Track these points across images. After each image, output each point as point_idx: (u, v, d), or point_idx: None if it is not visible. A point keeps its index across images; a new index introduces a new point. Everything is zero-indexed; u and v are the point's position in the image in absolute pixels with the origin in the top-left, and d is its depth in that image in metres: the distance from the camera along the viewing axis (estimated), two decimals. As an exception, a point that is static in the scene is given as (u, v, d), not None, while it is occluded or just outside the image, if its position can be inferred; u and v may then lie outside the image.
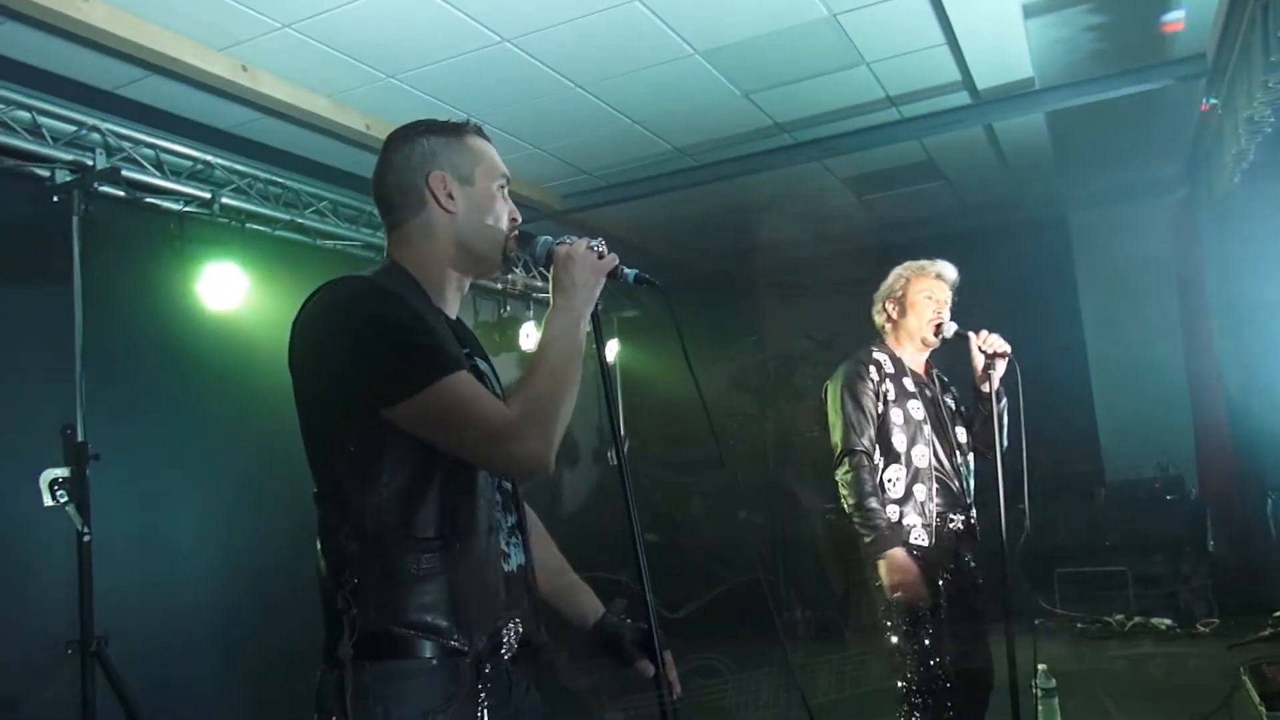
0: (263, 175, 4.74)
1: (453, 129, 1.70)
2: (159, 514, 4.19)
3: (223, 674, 4.35)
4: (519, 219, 1.74)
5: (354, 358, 1.49)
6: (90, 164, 3.91)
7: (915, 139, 5.70)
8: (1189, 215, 6.62)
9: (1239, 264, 6.62)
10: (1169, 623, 5.82)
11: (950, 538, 3.01)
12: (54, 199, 3.79)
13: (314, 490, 1.58)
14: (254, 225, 4.68)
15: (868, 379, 3.08)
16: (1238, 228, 6.60)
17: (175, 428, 4.24)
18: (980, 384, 3.12)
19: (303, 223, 4.93)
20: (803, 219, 7.52)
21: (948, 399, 3.22)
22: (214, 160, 4.50)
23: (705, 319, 6.61)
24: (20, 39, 3.70)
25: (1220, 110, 4.87)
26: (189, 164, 4.43)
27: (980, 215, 7.38)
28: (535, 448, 1.46)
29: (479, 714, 1.50)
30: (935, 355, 3.29)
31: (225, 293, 4.24)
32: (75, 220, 3.78)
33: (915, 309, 3.15)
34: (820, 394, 3.26)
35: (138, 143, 4.21)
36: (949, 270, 3.18)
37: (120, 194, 4.07)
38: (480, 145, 1.71)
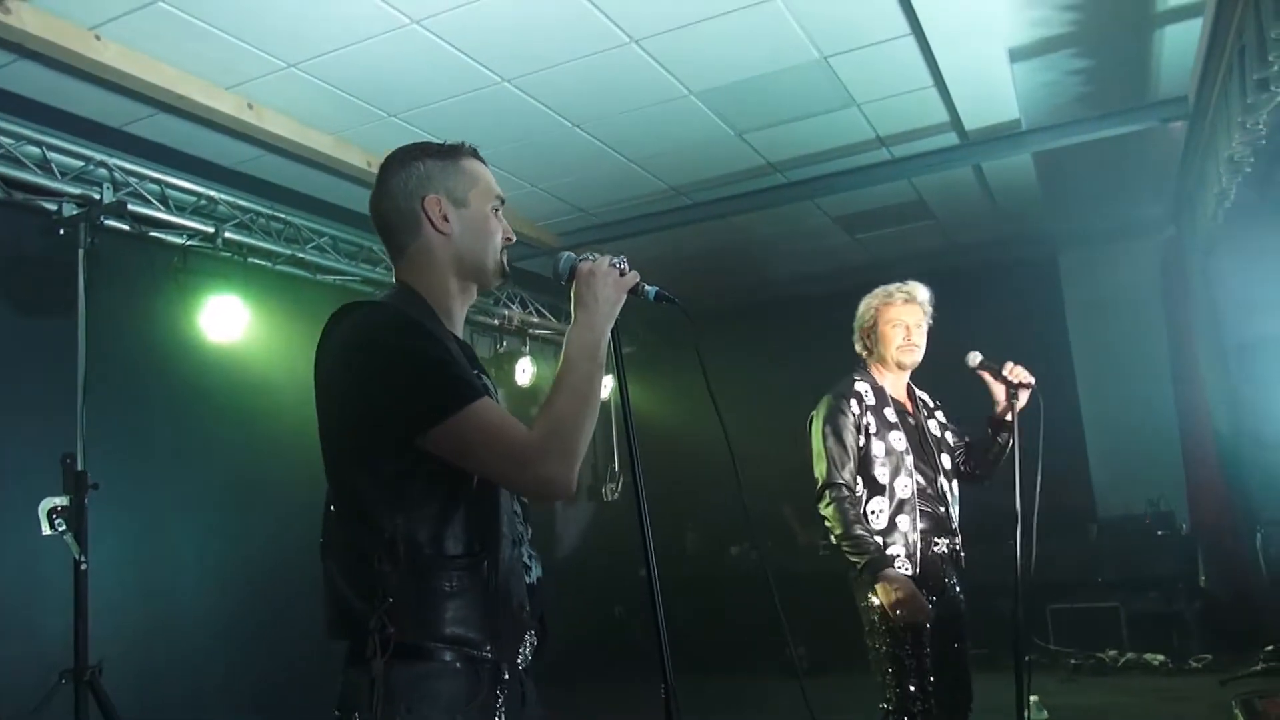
0: (265, 211, 4.83)
1: (448, 152, 1.74)
2: (157, 543, 4.22)
3: (220, 703, 4.35)
4: (513, 238, 1.79)
5: (387, 385, 1.53)
6: (97, 198, 4.00)
7: (905, 179, 5.81)
8: (1175, 255, 6.74)
9: (1224, 302, 6.74)
10: (1162, 658, 5.82)
11: (935, 562, 3.04)
12: (60, 232, 3.86)
13: (334, 508, 1.61)
14: (255, 259, 4.76)
15: (849, 413, 3.10)
16: (1222, 266, 6.72)
17: (175, 458, 4.29)
18: (1003, 414, 3.14)
19: (303, 257, 5.01)
20: (796, 257, 7.64)
21: (932, 424, 3.24)
22: (218, 195, 4.59)
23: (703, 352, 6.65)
24: (32, 76, 3.81)
25: (1202, 151, 4.99)
26: (193, 199, 4.53)
27: (970, 254, 7.49)
28: (558, 470, 1.50)
29: (496, 717, 1.54)
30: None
31: (226, 325, 4.31)
32: (81, 253, 3.84)
33: (885, 338, 3.19)
34: (805, 425, 3.28)
35: (143, 178, 4.29)
36: (919, 291, 3.20)
37: (125, 228, 4.16)
38: (475, 167, 1.76)
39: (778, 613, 2.06)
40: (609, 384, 8.14)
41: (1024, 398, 3.06)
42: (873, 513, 3.04)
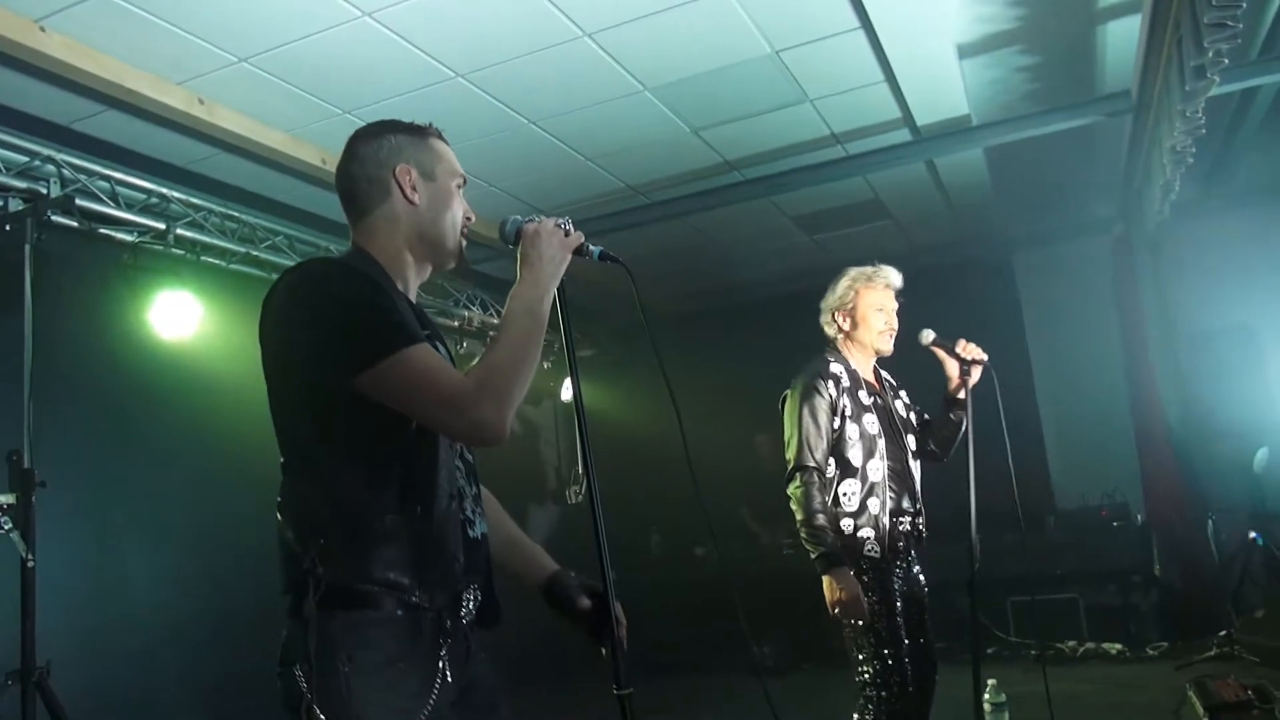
0: (218, 209, 4.79)
1: (417, 129, 1.80)
2: (108, 542, 4.16)
3: (172, 702, 4.28)
4: (473, 218, 1.84)
5: (323, 328, 1.56)
6: (44, 193, 3.94)
7: (860, 176, 5.88)
8: (1125, 251, 6.87)
9: (1174, 296, 6.90)
10: (1120, 647, 5.91)
11: (901, 539, 3.08)
12: (6, 227, 3.81)
13: (281, 460, 1.64)
14: (209, 258, 4.71)
15: (825, 394, 3.10)
16: (1170, 261, 6.88)
17: (126, 455, 4.22)
18: (956, 391, 3.18)
19: (258, 256, 4.96)
20: (756, 260, 7.70)
21: (898, 405, 3.28)
22: (169, 193, 4.54)
23: (664, 357, 6.68)
24: (-25, 71, 3.75)
25: (1147, 144, 5.10)
26: (143, 196, 4.47)
27: (928, 255, 7.57)
28: (492, 414, 1.52)
29: (440, 666, 1.55)
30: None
31: (178, 321, 4.27)
32: (27, 249, 3.79)
33: (867, 322, 3.19)
34: (779, 406, 3.27)
35: (93, 174, 4.24)
36: (896, 278, 3.23)
37: (74, 224, 4.10)
38: (441, 146, 1.82)
39: (741, 612, 2.08)
40: (569, 386, 8.16)
41: (977, 374, 3.11)
42: (844, 494, 3.06)
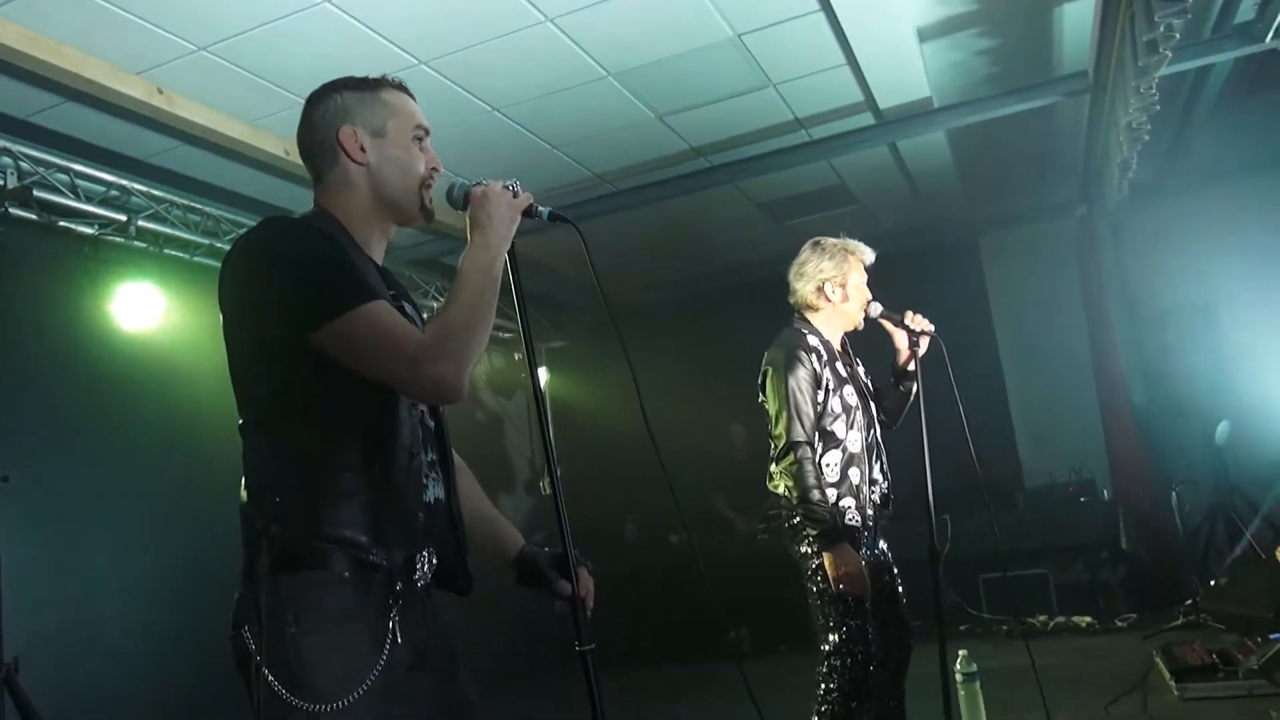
0: (180, 201, 4.74)
1: (369, 84, 1.76)
2: (75, 536, 4.11)
3: (142, 698, 4.23)
4: (439, 168, 1.80)
5: (278, 285, 1.55)
6: (2, 185, 3.89)
7: (824, 160, 5.92)
8: (1088, 232, 6.98)
9: (1135, 275, 7.02)
10: (1090, 620, 6.00)
11: (872, 506, 3.12)
12: (-38, 221, 3.77)
13: (240, 422, 1.63)
14: (171, 250, 4.66)
15: (808, 366, 3.08)
16: (1131, 240, 7.00)
17: (90, 448, 4.18)
18: (905, 363, 3.21)
19: (222, 248, 4.92)
20: (725, 247, 7.73)
21: (861, 373, 3.31)
22: (130, 185, 4.49)
23: (633, 347, 6.70)
24: (-73, 62, 3.70)
25: (1104, 123, 5.18)
26: (103, 189, 4.42)
27: (895, 241, 7.60)
28: (449, 370, 1.52)
29: (390, 627, 1.53)
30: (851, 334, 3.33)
31: (141, 313, 4.22)
32: (-15, 242, 3.75)
33: (858, 295, 3.19)
34: (758, 382, 3.24)
35: (51, 166, 4.19)
36: (871, 254, 3.25)
37: (33, 217, 4.05)
38: (395, 97, 1.77)
39: (716, 599, 2.10)
40: (544, 375, 8.19)
41: (925, 344, 3.14)
42: (826, 465, 3.06)
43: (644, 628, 6.88)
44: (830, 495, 3.05)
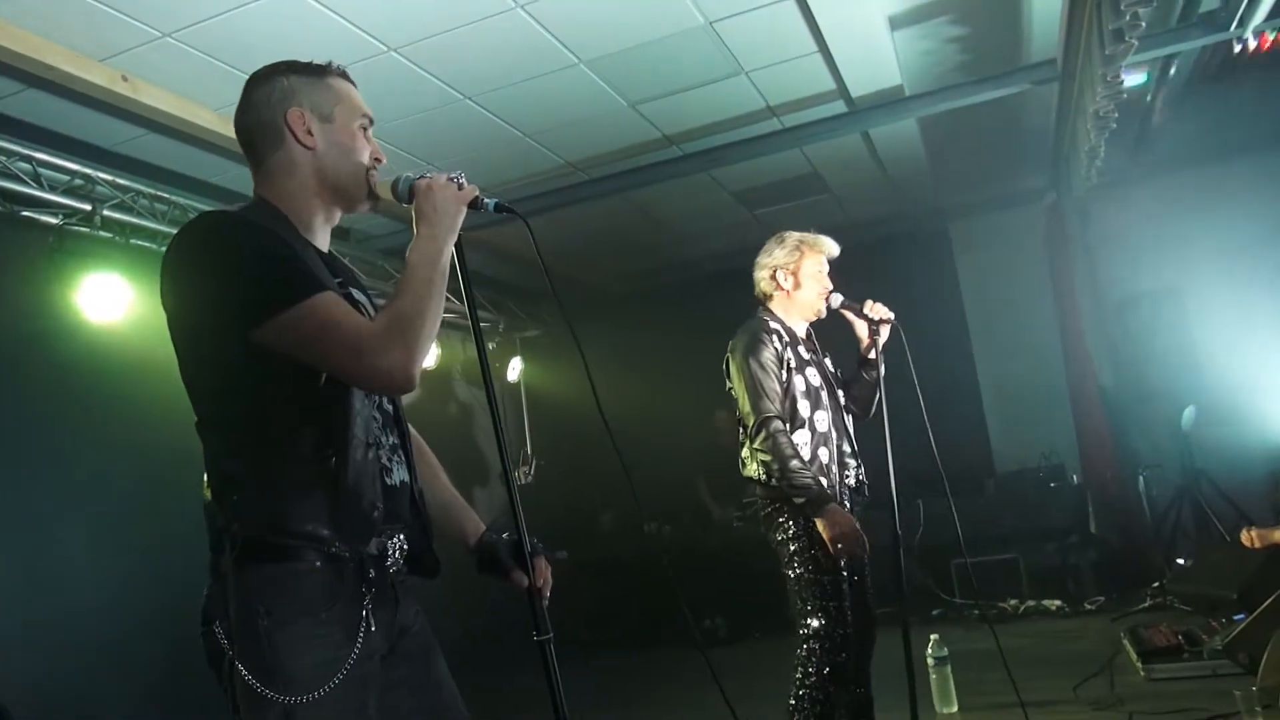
0: (147, 190, 4.67)
1: (314, 69, 1.75)
2: (42, 531, 4.04)
3: (115, 696, 4.19)
4: (383, 159, 1.79)
5: (220, 282, 1.53)
6: (-39, 174, 3.82)
7: (796, 148, 5.93)
8: (1057, 219, 7.04)
9: (1103, 262, 7.10)
10: (1059, 603, 6.08)
11: (846, 492, 3.14)
12: (-78, 210, 3.70)
13: (195, 421, 1.60)
14: (139, 240, 4.59)
15: (770, 345, 3.11)
16: (1099, 228, 7.08)
17: (56, 441, 4.11)
18: (866, 351, 3.25)
19: (190, 238, 4.85)
20: (699, 236, 7.74)
21: (828, 363, 3.34)
22: (96, 174, 4.42)
23: (609, 337, 6.72)
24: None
25: (1073, 111, 5.23)
26: (67, 178, 4.35)
27: (867, 229, 7.68)
28: (399, 360, 1.51)
29: (363, 615, 1.53)
30: (818, 324, 3.38)
31: (107, 304, 4.16)
32: (-55, 233, 3.68)
33: (807, 283, 3.22)
34: (723, 366, 3.28)
35: (13, 155, 4.11)
36: (834, 247, 3.28)
37: (-6, 206, 3.99)
38: (341, 85, 1.76)
39: (677, 586, 2.13)
40: (516, 366, 8.17)
41: (885, 332, 3.17)
42: (797, 445, 3.09)
43: (618, 615, 6.91)
44: None
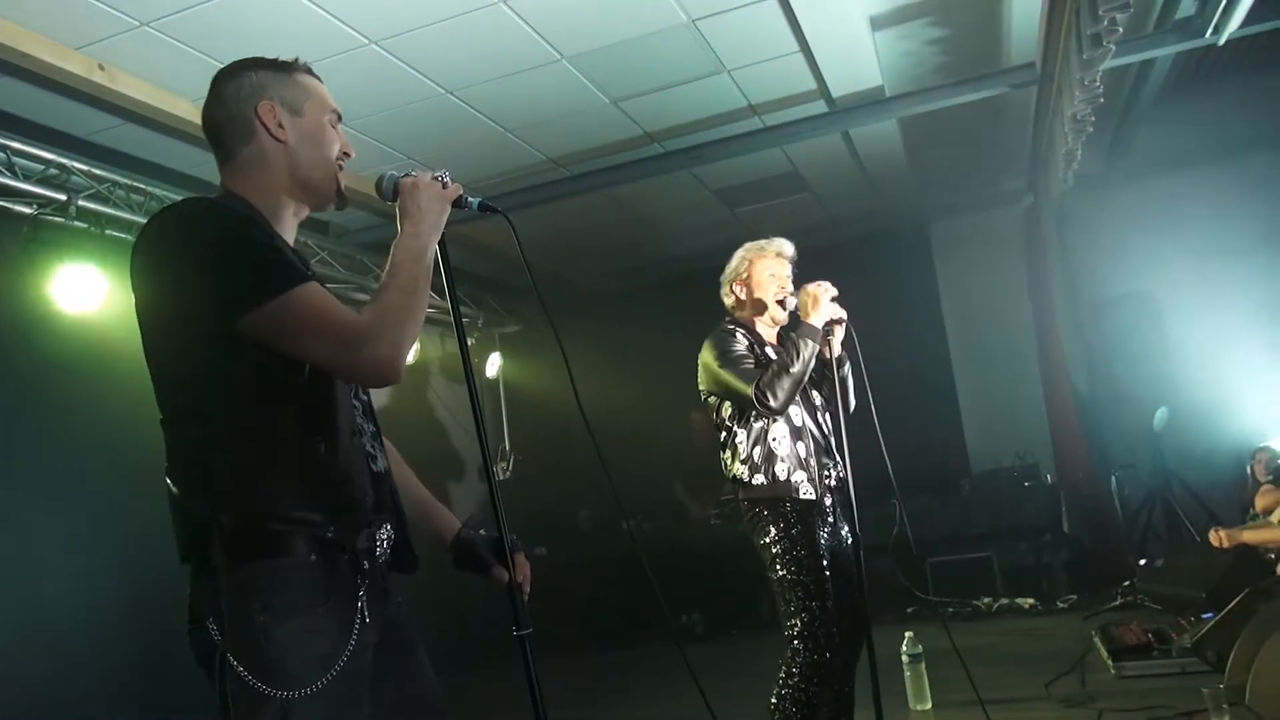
0: (123, 180, 4.62)
1: (282, 65, 1.74)
2: (15, 528, 3.98)
3: (96, 697, 4.13)
4: (351, 153, 1.78)
5: (202, 270, 1.50)
6: (-68, 162, 3.77)
7: (777, 146, 5.95)
8: (1034, 222, 7.11)
9: (1079, 264, 7.17)
10: (1032, 601, 6.14)
11: (826, 490, 3.15)
12: (-107, 199, 3.64)
13: (164, 418, 1.57)
14: (114, 231, 4.55)
15: (739, 339, 3.15)
16: (1075, 230, 7.16)
17: (30, 434, 4.06)
18: (822, 350, 3.27)
19: (166, 230, 4.81)
20: (679, 234, 7.74)
21: None
22: (70, 164, 4.37)
23: (589, 333, 6.72)
24: None
25: (1050, 114, 5.28)
26: (41, 168, 4.30)
27: (847, 228, 7.73)
28: (385, 352, 1.51)
29: (359, 607, 1.53)
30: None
31: (82, 295, 4.12)
32: (-84, 221, 3.63)
33: (762, 287, 3.25)
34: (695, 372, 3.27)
35: (-14, 144, 4.07)
36: (787, 247, 3.32)
37: (-34, 196, 3.93)
38: (309, 81, 1.76)
39: (654, 582, 2.14)
40: (495, 361, 8.16)
41: (840, 332, 3.19)
42: (774, 439, 3.08)
43: (595, 611, 6.91)
44: (781, 470, 3.07)
